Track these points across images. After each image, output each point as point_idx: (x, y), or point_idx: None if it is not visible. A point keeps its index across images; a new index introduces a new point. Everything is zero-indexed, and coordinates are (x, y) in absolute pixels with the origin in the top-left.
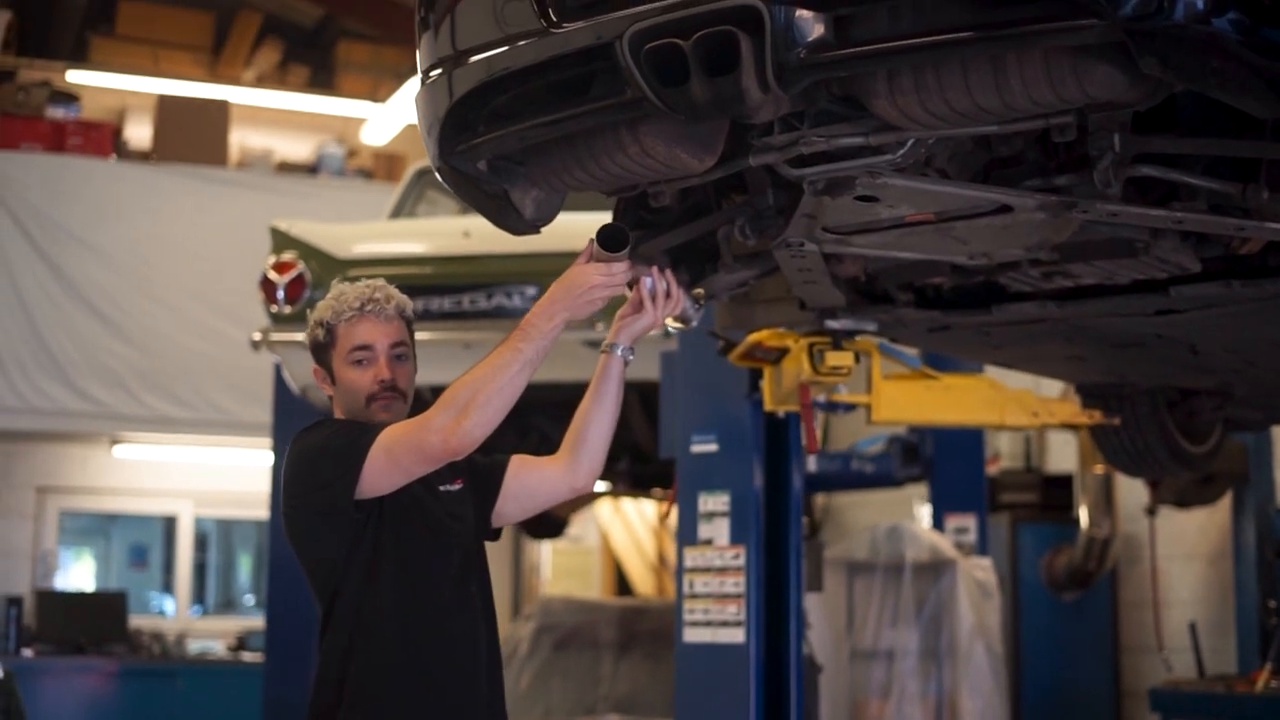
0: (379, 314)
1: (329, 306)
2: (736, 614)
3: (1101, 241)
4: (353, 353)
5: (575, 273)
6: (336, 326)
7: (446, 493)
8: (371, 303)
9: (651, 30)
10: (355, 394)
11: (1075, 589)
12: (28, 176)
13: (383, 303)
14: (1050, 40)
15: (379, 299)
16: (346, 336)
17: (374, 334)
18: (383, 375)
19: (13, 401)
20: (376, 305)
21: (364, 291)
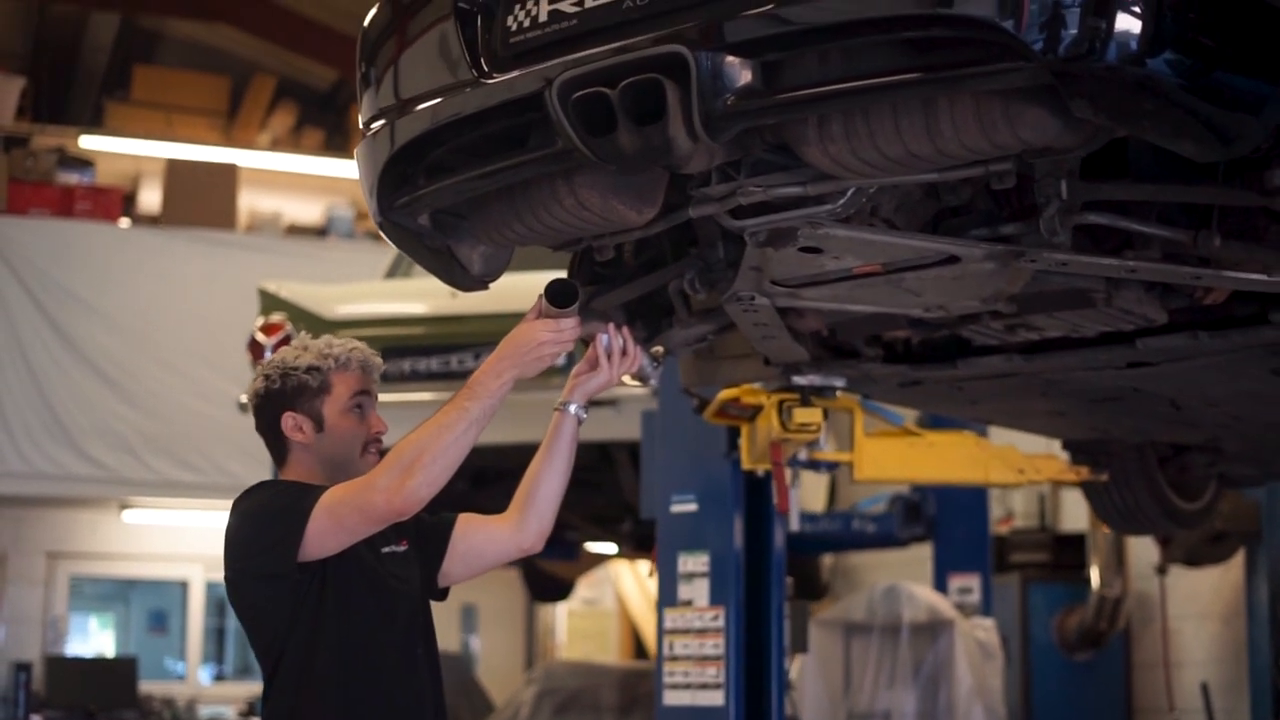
0: (369, 369)
1: (320, 352)
2: (716, 676)
3: (1057, 292)
4: (354, 398)
5: (523, 330)
6: (332, 373)
7: (391, 554)
8: (365, 355)
9: (579, 79)
10: (351, 441)
11: (1087, 649)
12: (36, 241)
13: (371, 358)
14: (979, 84)
15: (374, 360)
16: (346, 386)
17: (369, 382)
18: (379, 425)
19: (19, 467)
20: (372, 359)
21: (359, 349)
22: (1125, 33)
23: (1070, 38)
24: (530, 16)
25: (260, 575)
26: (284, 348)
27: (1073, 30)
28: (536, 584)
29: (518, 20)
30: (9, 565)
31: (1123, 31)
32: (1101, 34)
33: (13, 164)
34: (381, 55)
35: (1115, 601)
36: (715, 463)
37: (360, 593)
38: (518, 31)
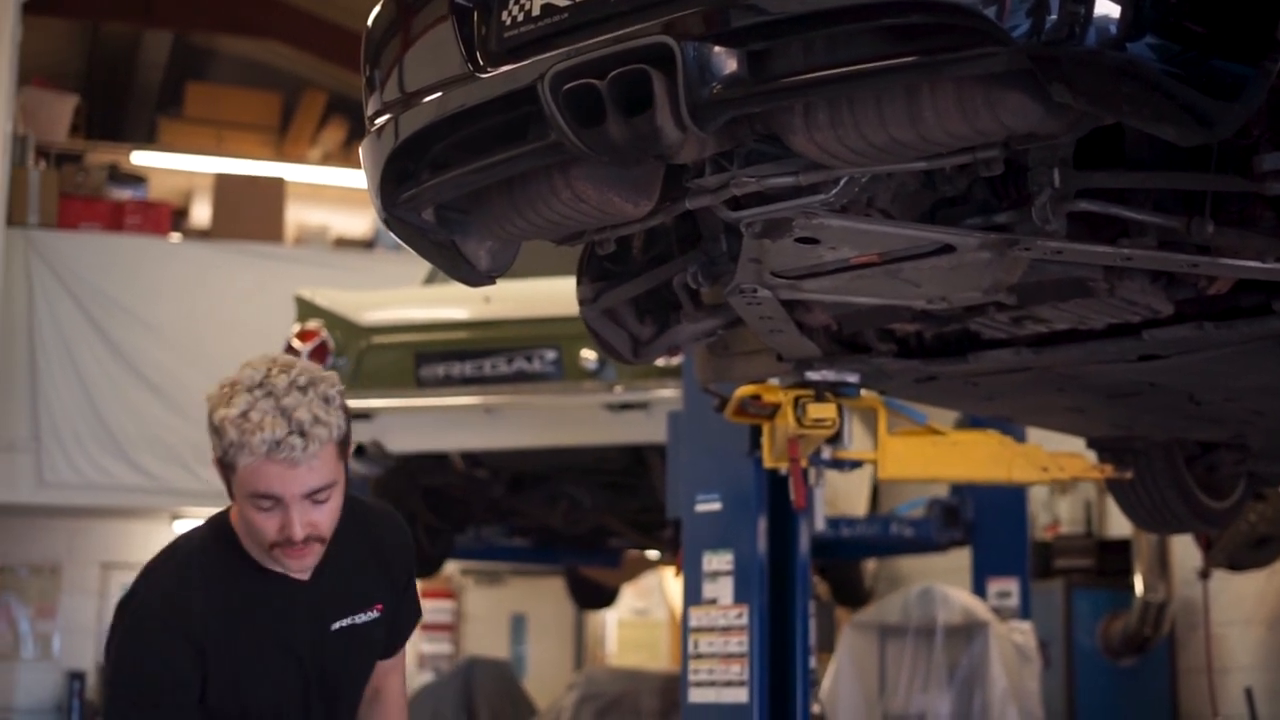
0: (290, 461)
1: (227, 425)
2: (740, 673)
3: (1055, 281)
4: (254, 497)
5: None
6: (231, 455)
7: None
8: (283, 447)
9: (569, 71)
10: (256, 534)
11: (1132, 655)
12: (86, 256)
13: (298, 449)
14: (958, 69)
15: (294, 444)
16: (246, 476)
17: (280, 483)
18: (290, 531)
19: (71, 478)
20: (290, 452)
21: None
22: (1105, 17)
23: (1049, 22)
24: (524, 11)
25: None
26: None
27: (1052, 15)
28: (581, 592)
29: (512, 15)
30: (63, 575)
31: (1102, 16)
32: (1081, 19)
33: (64, 179)
34: (385, 53)
35: (1159, 607)
36: (738, 462)
37: None
38: (512, 26)
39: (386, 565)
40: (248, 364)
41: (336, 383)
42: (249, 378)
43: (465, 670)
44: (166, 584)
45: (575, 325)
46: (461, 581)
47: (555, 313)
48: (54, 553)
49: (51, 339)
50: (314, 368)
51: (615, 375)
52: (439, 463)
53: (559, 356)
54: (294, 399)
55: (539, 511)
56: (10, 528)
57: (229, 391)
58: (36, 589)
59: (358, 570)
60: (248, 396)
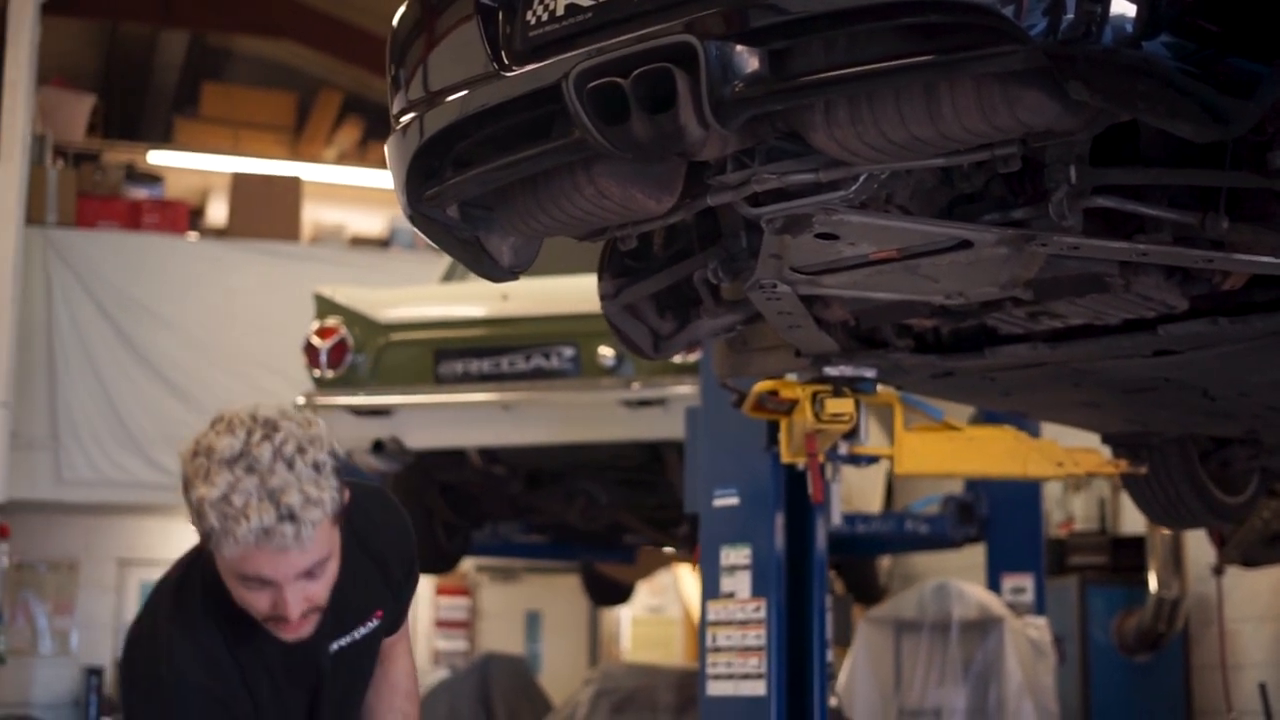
0: (281, 549)
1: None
2: (758, 666)
3: (1072, 277)
4: (242, 579)
5: None
6: (214, 538)
7: (343, 649)
8: (272, 535)
9: (594, 70)
10: (246, 607)
11: (1146, 651)
12: (104, 254)
13: (289, 536)
14: (976, 67)
15: (285, 531)
16: (231, 559)
17: (274, 568)
18: (283, 609)
19: (89, 475)
20: (280, 540)
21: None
22: (1121, 16)
23: (1066, 21)
24: (548, 11)
25: None
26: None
27: (1069, 14)
28: (596, 589)
29: (536, 14)
30: (81, 572)
31: (1118, 15)
32: (1097, 17)
33: (81, 179)
34: (410, 52)
35: (1173, 603)
36: (756, 457)
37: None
38: (536, 25)
39: (385, 566)
40: (224, 421)
41: (325, 443)
42: (227, 448)
43: (481, 666)
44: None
45: (593, 323)
46: (476, 578)
47: (573, 310)
48: (71, 549)
49: (69, 337)
50: (300, 428)
51: (633, 372)
52: (456, 459)
53: (577, 353)
54: (281, 478)
55: (556, 508)
56: (28, 525)
57: (205, 465)
58: (54, 585)
59: (355, 586)
60: (228, 475)
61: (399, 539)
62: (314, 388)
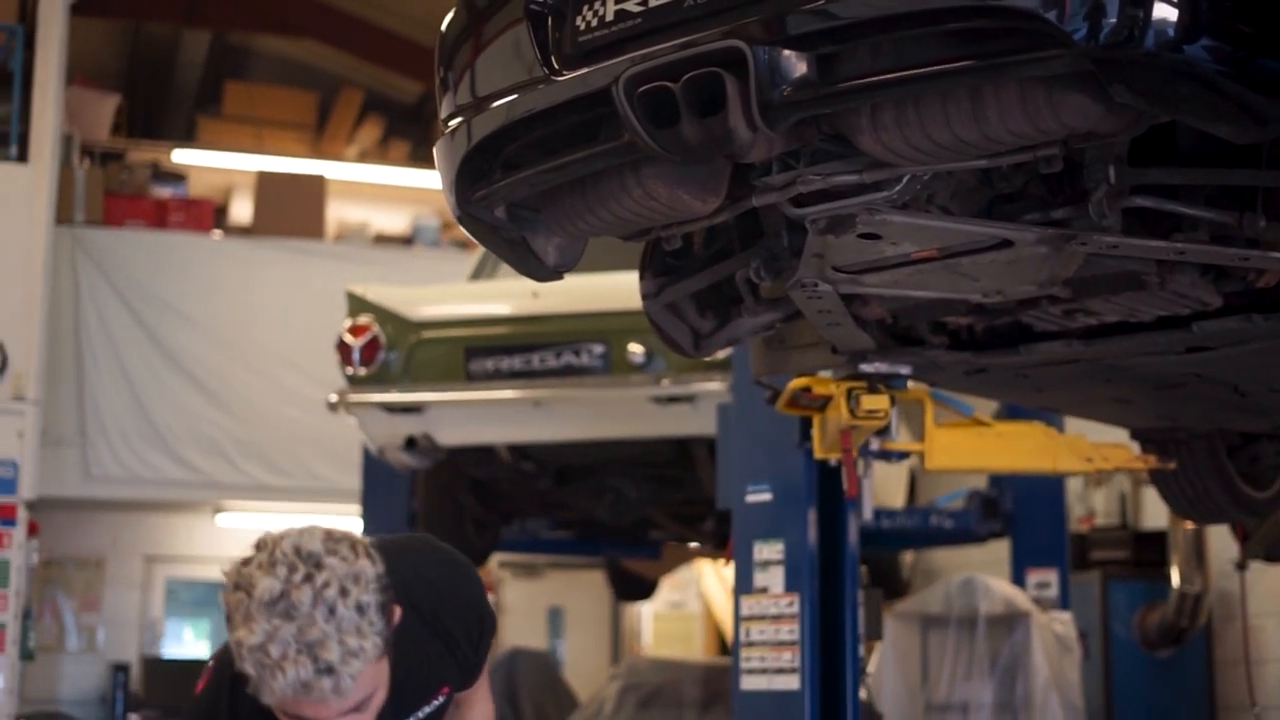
0: (320, 701)
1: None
2: (791, 660)
3: (1109, 275)
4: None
5: None
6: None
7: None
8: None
9: (644, 74)
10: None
11: (1169, 646)
12: (131, 253)
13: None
14: (1021, 71)
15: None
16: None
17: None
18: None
19: (117, 472)
20: (319, 694)
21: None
22: (1162, 20)
23: (1109, 26)
24: (598, 16)
25: None
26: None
27: (1112, 19)
28: (621, 584)
29: (586, 20)
30: (107, 568)
31: (1160, 19)
32: (1140, 22)
33: (108, 177)
34: (458, 57)
35: (1196, 598)
36: (789, 453)
37: None
38: (586, 31)
39: (452, 643)
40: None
41: (371, 579)
42: (266, 590)
43: (508, 661)
44: None
45: (622, 320)
46: (500, 574)
47: (603, 307)
48: (98, 546)
49: (97, 335)
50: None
51: (662, 368)
52: (486, 455)
53: (606, 350)
54: (320, 630)
55: (585, 504)
56: (56, 521)
57: (245, 604)
58: (82, 581)
59: (419, 671)
60: (266, 623)
61: (466, 609)
62: (347, 385)
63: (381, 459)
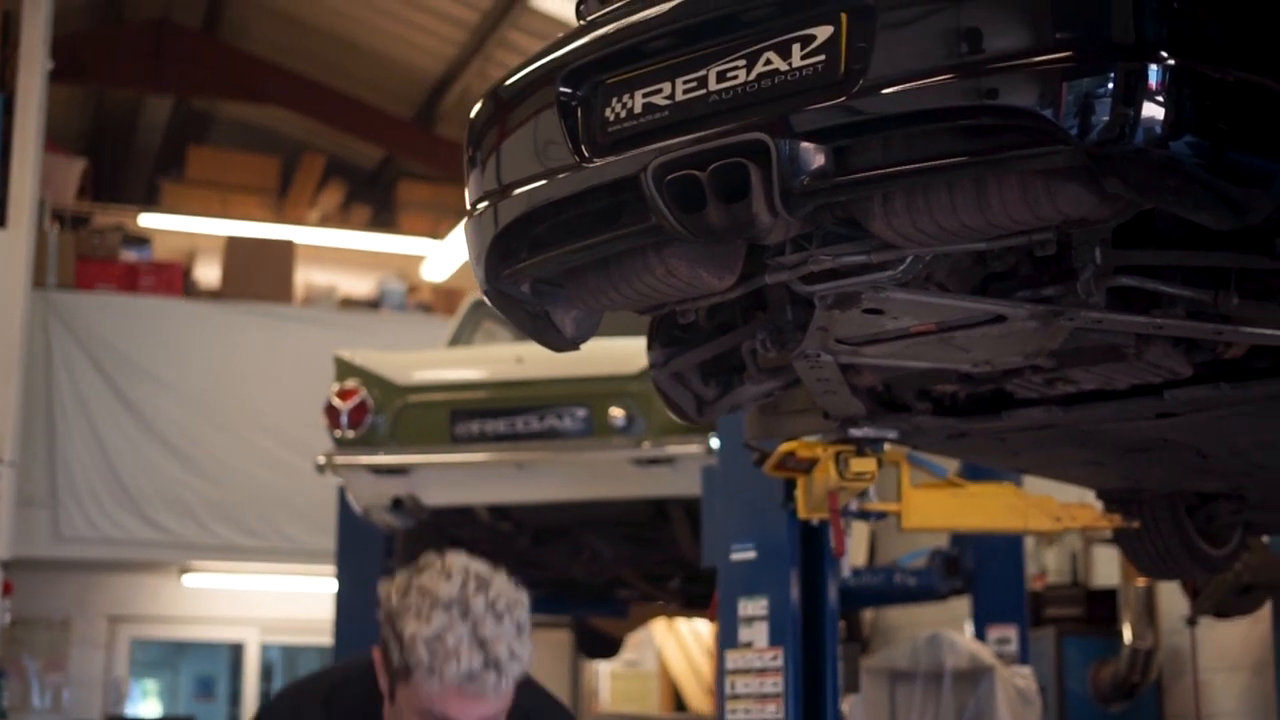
0: (478, 695)
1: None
2: (776, 713)
3: (1092, 347)
4: (426, 715)
5: None
6: (415, 673)
7: None
8: (476, 681)
9: (672, 163)
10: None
11: (1121, 701)
12: (103, 316)
13: (489, 684)
14: (1024, 165)
15: (488, 679)
16: (424, 694)
17: (462, 710)
18: None
19: (87, 532)
20: (481, 686)
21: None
22: (1151, 119)
23: (1103, 124)
24: (627, 108)
25: None
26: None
27: (1105, 117)
28: (587, 642)
29: (615, 112)
30: (73, 629)
31: (1148, 118)
32: (1130, 120)
33: (80, 242)
34: (487, 141)
35: (1147, 654)
36: (773, 513)
37: None
38: (615, 121)
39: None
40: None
41: (527, 607)
42: (446, 593)
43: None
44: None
45: (604, 385)
46: None
47: (585, 373)
48: (64, 606)
49: (69, 397)
50: (509, 587)
51: (643, 432)
52: (466, 515)
53: (588, 414)
54: (491, 629)
55: (561, 562)
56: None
57: (421, 603)
58: (47, 641)
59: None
60: (444, 616)
61: None
62: (334, 447)
63: (366, 519)
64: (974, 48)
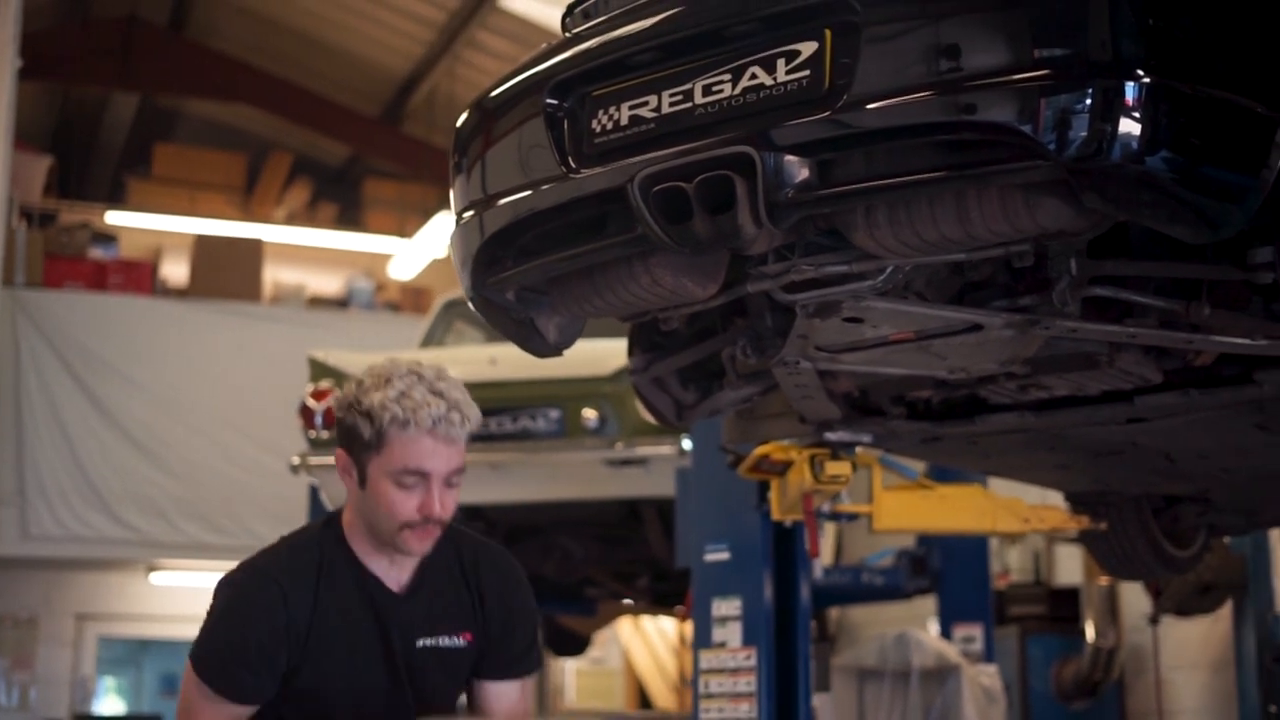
0: (448, 438)
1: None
2: (749, 711)
3: (1066, 355)
4: (403, 474)
5: None
6: (388, 432)
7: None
8: (444, 423)
9: (659, 174)
10: (388, 515)
11: (1084, 699)
12: (71, 314)
13: (457, 425)
14: (1004, 179)
15: (454, 419)
16: (399, 452)
17: (434, 459)
18: (430, 509)
19: (54, 530)
20: (449, 428)
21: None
22: (1127, 135)
23: (1080, 140)
24: (613, 120)
25: None
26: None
27: (1082, 133)
28: (555, 639)
29: (601, 123)
30: (40, 627)
31: (1125, 134)
32: (1108, 136)
33: (48, 240)
34: (472, 151)
35: (1109, 652)
36: (746, 515)
37: None
38: (602, 133)
39: (480, 599)
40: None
41: None
42: (394, 368)
43: None
44: (281, 561)
45: (577, 386)
46: None
47: (558, 374)
48: (31, 604)
49: (37, 395)
50: None
51: (616, 433)
52: None
53: (562, 415)
54: (445, 383)
55: (533, 562)
56: None
57: (379, 379)
58: (14, 640)
59: (448, 592)
60: (402, 381)
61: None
62: (309, 448)
63: None
64: (955, 65)
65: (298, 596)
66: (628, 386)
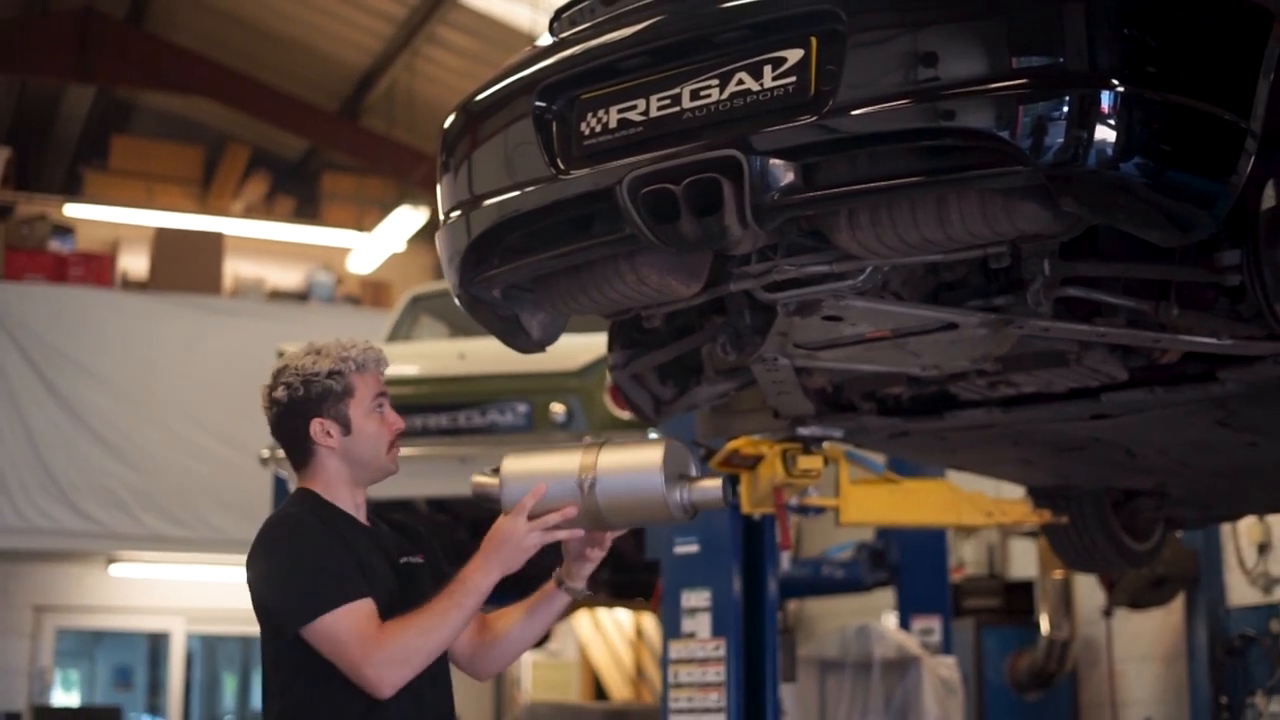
0: (382, 366)
1: (338, 356)
2: (718, 700)
3: (1037, 353)
4: (377, 399)
5: (505, 528)
6: (352, 375)
7: (408, 565)
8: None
9: (647, 176)
10: (378, 442)
11: (1038, 690)
12: (31, 306)
13: (382, 355)
14: (984, 184)
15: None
16: (366, 388)
17: (381, 381)
18: (398, 422)
19: (15, 521)
20: (383, 359)
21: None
22: (1103, 141)
23: (1057, 146)
24: (602, 123)
25: None
26: (296, 354)
27: (1059, 140)
28: None
29: (590, 126)
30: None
31: (1101, 141)
32: (1084, 143)
33: (9, 232)
34: (459, 153)
35: (1063, 644)
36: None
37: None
38: (590, 136)
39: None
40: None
41: None
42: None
43: None
44: (298, 512)
45: (545, 381)
46: None
47: (526, 369)
48: None
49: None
50: None
51: (583, 426)
52: (404, 507)
53: (529, 409)
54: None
55: None
56: None
57: (310, 356)
58: None
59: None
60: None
61: None
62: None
63: None
64: (937, 72)
65: None
66: (595, 381)
